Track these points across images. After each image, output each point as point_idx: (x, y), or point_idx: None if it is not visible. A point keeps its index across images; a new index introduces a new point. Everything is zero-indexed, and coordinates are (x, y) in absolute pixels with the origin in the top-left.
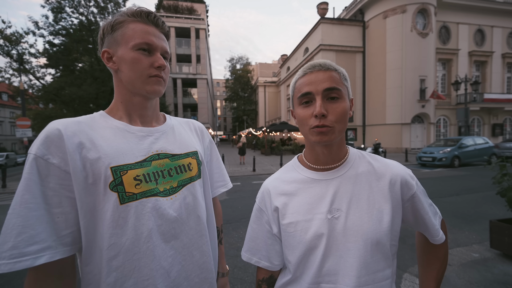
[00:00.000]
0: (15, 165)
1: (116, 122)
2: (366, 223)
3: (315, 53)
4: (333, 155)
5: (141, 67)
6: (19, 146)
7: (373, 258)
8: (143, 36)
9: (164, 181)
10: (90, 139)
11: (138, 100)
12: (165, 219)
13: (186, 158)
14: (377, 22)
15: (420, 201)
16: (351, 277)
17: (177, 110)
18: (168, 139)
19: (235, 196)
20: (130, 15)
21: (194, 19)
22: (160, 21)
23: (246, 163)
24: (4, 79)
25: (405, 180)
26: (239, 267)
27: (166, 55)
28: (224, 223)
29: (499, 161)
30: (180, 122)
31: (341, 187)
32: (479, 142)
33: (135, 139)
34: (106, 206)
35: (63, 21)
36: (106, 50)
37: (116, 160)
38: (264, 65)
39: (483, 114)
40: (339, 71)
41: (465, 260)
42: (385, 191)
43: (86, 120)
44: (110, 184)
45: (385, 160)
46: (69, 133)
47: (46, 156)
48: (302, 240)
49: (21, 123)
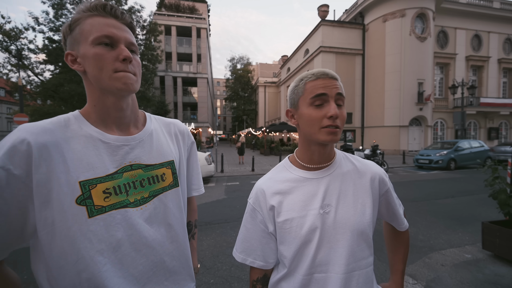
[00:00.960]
0: None
1: (90, 130)
2: (352, 216)
3: (315, 54)
4: (326, 155)
5: (105, 63)
6: None
7: (359, 247)
8: (102, 29)
9: (135, 192)
10: (60, 152)
11: (111, 100)
12: (134, 229)
13: (160, 168)
14: (377, 26)
15: (392, 195)
16: (340, 265)
17: (177, 108)
18: (144, 148)
19: (233, 195)
20: (86, 10)
21: (195, 18)
22: (119, 11)
23: (245, 163)
24: (2, 75)
25: (382, 177)
26: (236, 265)
27: (133, 47)
28: (222, 222)
29: (491, 164)
30: (161, 124)
31: (331, 184)
32: (475, 145)
33: (109, 150)
34: (71, 220)
35: (64, 17)
36: (69, 52)
37: (85, 174)
38: (264, 65)
39: (479, 117)
40: (340, 82)
41: (458, 260)
42: (367, 187)
43: (59, 128)
44: (77, 198)
45: (364, 161)
46: (38, 144)
47: (7, 166)
48: (298, 235)
49: (19, 119)
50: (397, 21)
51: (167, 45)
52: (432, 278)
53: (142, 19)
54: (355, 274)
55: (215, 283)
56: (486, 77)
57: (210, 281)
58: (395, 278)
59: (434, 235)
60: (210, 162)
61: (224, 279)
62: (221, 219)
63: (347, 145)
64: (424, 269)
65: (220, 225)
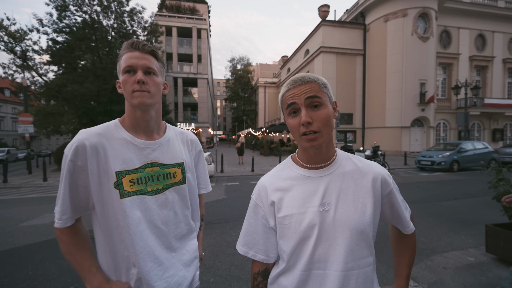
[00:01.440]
0: (16, 160)
1: (125, 134)
2: (352, 215)
3: (315, 55)
4: (322, 155)
5: (127, 86)
6: (20, 142)
7: (358, 246)
8: (127, 61)
9: (152, 184)
10: (104, 150)
11: (139, 113)
12: (149, 211)
13: (173, 167)
14: (378, 26)
15: (396, 196)
16: (338, 263)
17: (177, 109)
18: (162, 150)
19: (233, 195)
20: (123, 49)
21: (196, 19)
22: (141, 44)
23: (245, 163)
24: (7, 75)
25: (384, 178)
26: (236, 265)
27: (151, 70)
28: (222, 222)
29: (496, 166)
30: (176, 133)
31: (331, 183)
32: (478, 147)
33: (136, 150)
34: (111, 198)
35: (67, 19)
36: (118, 80)
37: (120, 166)
38: (264, 65)
39: (483, 119)
40: (318, 81)
41: (461, 263)
42: (368, 188)
43: (104, 132)
44: (114, 183)
45: (367, 161)
46: (91, 144)
47: (74, 159)
48: (297, 231)
49: (23, 119)
50: (399, 21)
51: (168, 45)
52: (434, 280)
53: (144, 20)
54: (354, 273)
55: (214, 282)
56: (490, 78)
57: (210, 280)
58: (399, 282)
59: (436, 237)
60: (210, 162)
61: (224, 278)
62: (221, 218)
63: (347, 146)
64: (425, 271)
65: (220, 225)
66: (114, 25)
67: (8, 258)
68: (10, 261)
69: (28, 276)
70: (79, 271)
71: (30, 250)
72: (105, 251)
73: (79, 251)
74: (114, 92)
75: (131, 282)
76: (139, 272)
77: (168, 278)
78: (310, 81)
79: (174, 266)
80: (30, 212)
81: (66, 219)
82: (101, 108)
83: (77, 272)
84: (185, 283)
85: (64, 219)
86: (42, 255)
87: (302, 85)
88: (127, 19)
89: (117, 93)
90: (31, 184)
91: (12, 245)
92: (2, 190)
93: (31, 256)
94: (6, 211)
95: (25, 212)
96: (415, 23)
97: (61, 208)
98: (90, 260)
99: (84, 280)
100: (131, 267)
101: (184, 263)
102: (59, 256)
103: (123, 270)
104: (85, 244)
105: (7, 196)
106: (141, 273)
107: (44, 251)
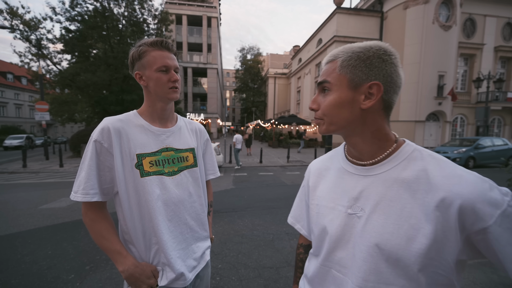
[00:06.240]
0: (33, 147)
1: (143, 122)
2: (388, 234)
3: (328, 44)
4: (359, 150)
5: (163, 83)
6: (37, 129)
7: (389, 270)
8: (161, 61)
9: (169, 166)
10: (126, 134)
11: (160, 105)
12: (166, 190)
13: (185, 152)
14: (397, 13)
15: (498, 240)
16: (357, 277)
17: (187, 99)
18: (175, 137)
19: (241, 186)
20: (149, 45)
21: (206, 7)
22: (170, 45)
23: (253, 155)
24: (24, 64)
25: (473, 206)
26: (243, 253)
27: (177, 70)
28: (230, 212)
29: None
30: (186, 123)
31: (371, 187)
32: (497, 143)
33: (153, 136)
34: (132, 177)
35: (79, 7)
36: (138, 72)
37: (140, 149)
38: (275, 56)
39: (505, 114)
40: (338, 58)
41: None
42: (430, 209)
43: (125, 119)
44: (135, 164)
45: (455, 171)
46: (114, 128)
47: (101, 141)
48: (320, 223)
49: (40, 106)
50: (420, 8)
51: (177, 34)
52: None
53: (154, 8)
54: None
55: (222, 268)
56: None
57: (218, 266)
58: None
59: None
60: (218, 153)
61: (232, 265)
62: (229, 208)
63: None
64: None
65: (228, 214)
66: (124, 13)
67: (29, 238)
68: (31, 240)
69: (48, 255)
70: (110, 253)
71: (49, 231)
72: (127, 227)
73: (110, 235)
74: (125, 82)
75: (151, 253)
76: (157, 242)
77: (183, 250)
78: (329, 60)
79: (188, 240)
80: (48, 196)
81: (94, 193)
82: (113, 97)
83: (106, 254)
84: (198, 254)
85: (92, 194)
86: (60, 236)
87: (326, 66)
88: (137, 6)
89: (128, 83)
90: (48, 170)
91: (33, 225)
92: (23, 175)
93: (50, 237)
94: (27, 194)
95: (43, 196)
96: (437, 10)
97: (86, 184)
98: (120, 244)
99: (115, 262)
100: (151, 238)
101: (197, 238)
102: (76, 238)
103: (143, 244)
104: (114, 229)
105: (27, 180)
106: (159, 244)
107: (62, 233)
